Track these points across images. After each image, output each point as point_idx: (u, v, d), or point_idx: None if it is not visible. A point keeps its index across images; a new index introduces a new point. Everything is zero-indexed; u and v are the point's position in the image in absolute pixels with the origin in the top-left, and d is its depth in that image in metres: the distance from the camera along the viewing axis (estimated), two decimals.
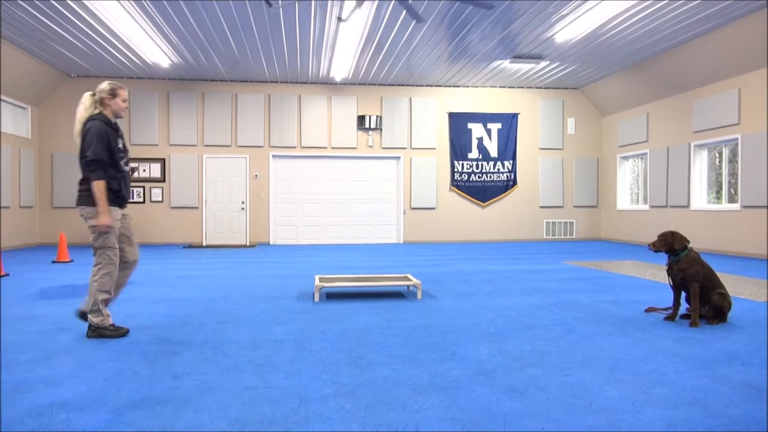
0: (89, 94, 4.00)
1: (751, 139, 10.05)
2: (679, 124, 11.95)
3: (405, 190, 14.15)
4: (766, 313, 4.86)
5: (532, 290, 6.29)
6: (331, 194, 13.98)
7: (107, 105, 3.98)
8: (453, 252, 11.47)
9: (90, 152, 3.81)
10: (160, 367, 3.25)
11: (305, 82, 13.67)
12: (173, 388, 2.90)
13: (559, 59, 11.81)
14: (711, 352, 3.56)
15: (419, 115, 14.16)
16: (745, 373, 3.11)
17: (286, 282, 6.92)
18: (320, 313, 4.94)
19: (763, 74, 9.85)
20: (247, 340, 3.89)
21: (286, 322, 4.54)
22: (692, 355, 3.51)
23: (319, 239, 13.92)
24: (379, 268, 8.40)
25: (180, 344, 3.79)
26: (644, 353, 3.56)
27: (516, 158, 14.52)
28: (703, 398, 2.73)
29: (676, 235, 4.52)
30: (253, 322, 4.54)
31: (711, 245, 10.93)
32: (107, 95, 3.97)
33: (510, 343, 3.84)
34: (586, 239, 14.86)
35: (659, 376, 3.07)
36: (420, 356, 3.48)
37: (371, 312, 4.99)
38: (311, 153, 13.82)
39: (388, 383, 2.97)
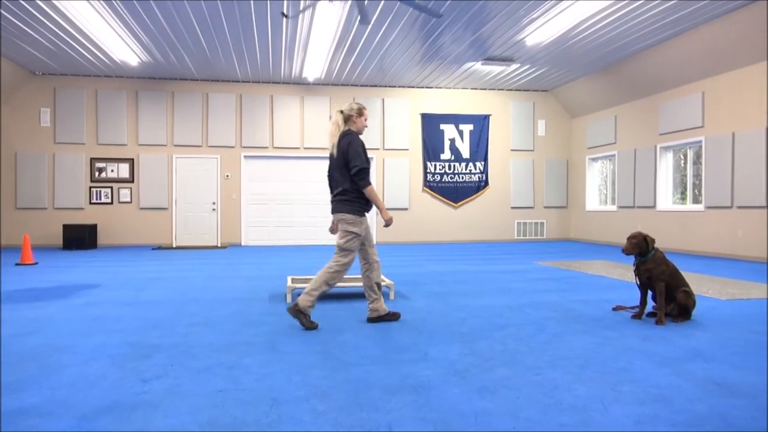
0: (340, 111, 4.47)
1: (714, 141, 10.32)
2: (646, 126, 12.22)
3: (378, 190, 14.15)
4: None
5: (504, 290, 6.36)
6: (304, 195, 13.91)
7: (353, 122, 4.46)
8: (425, 252, 11.52)
9: (357, 162, 4.28)
10: (129, 372, 3.20)
11: (278, 82, 13.58)
12: (142, 392, 2.85)
13: (529, 62, 11.96)
14: (676, 350, 3.65)
15: (392, 115, 14.19)
16: (709, 370, 3.20)
17: (258, 283, 6.87)
18: None
19: (725, 78, 10.12)
20: (218, 343, 3.85)
21: (258, 323, 4.50)
22: (658, 352, 3.59)
23: (291, 240, 13.84)
24: (351, 269, 8.39)
25: (149, 347, 3.73)
26: (613, 351, 3.63)
27: (488, 159, 14.66)
28: (669, 395, 2.80)
29: (648, 239, 4.62)
30: (225, 324, 4.49)
31: (676, 245, 11.20)
32: (355, 114, 4.46)
33: (482, 343, 3.87)
34: (557, 239, 15.07)
35: (627, 374, 3.13)
36: (392, 357, 3.49)
37: (344, 313, 4.97)
38: (283, 153, 13.74)
39: (360, 384, 2.97)
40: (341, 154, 4.35)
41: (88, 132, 13.05)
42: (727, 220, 10.06)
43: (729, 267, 8.66)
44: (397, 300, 5.67)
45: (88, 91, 13.04)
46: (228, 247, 13.11)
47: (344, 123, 4.46)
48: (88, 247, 12.43)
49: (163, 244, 13.23)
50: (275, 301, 5.58)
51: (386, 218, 4.37)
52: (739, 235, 9.79)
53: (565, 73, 12.95)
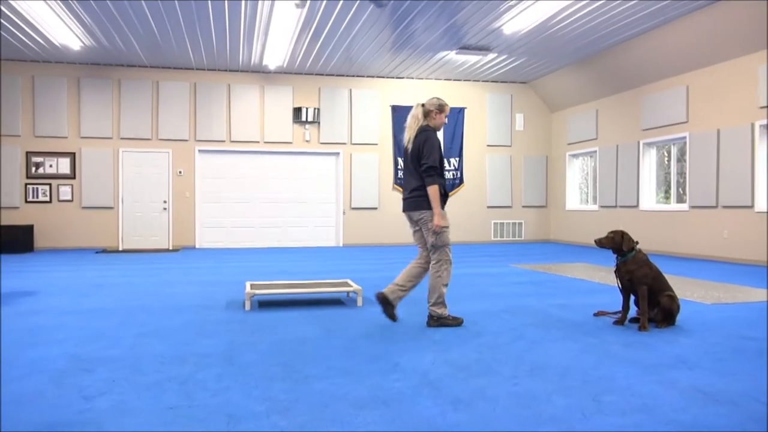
0: (421, 105, 4.70)
1: (699, 137, 10.60)
2: (628, 121, 12.48)
3: (345, 188, 14.15)
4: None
5: (480, 295, 6.41)
6: (264, 193, 13.83)
7: (432, 118, 4.69)
8: (397, 255, 11.55)
9: (429, 160, 4.49)
10: (69, 388, 3.13)
11: (235, 70, 13.47)
12: (84, 410, 2.79)
13: (507, 51, 12.10)
14: (660, 357, 3.74)
15: (360, 107, 14.20)
16: (693, 377, 3.28)
17: (214, 289, 6.80)
18: (251, 323, 4.88)
19: (710, 72, 10.40)
20: (169, 355, 3.80)
21: (214, 333, 4.46)
22: (641, 359, 3.67)
23: (250, 242, 13.75)
24: (316, 274, 8.37)
25: (92, 361, 3.66)
26: (594, 359, 3.69)
27: (462, 155, 14.78)
28: (652, 404, 2.86)
29: (626, 237, 4.72)
30: (177, 334, 4.44)
31: (659, 246, 11.46)
32: (435, 110, 4.69)
33: (456, 351, 3.90)
34: (535, 241, 15.28)
35: (609, 383, 3.19)
36: (360, 368, 3.49)
37: (308, 321, 4.96)
38: (242, 148, 13.63)
39: (325, 398, 2.96)
40: (416, 149, 4.60)
41: (23, 123, 12.73)
42: (713, 220, 10.34)
43: (714, 269, 8.90)
44: (366, 307, 5.68)
45: (23, 78, 12.71)
46: (180, 250, 12.95)
47: (423, 117, 4.69)
48: (24, 251, 12.12)
49: (108, 247, 13.00)
50: (233, 309, 5.53)
51: (436, 224, 4.53)
52: (725, 236, 10.07)
53: (545, 64, 13.14)
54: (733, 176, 9.87)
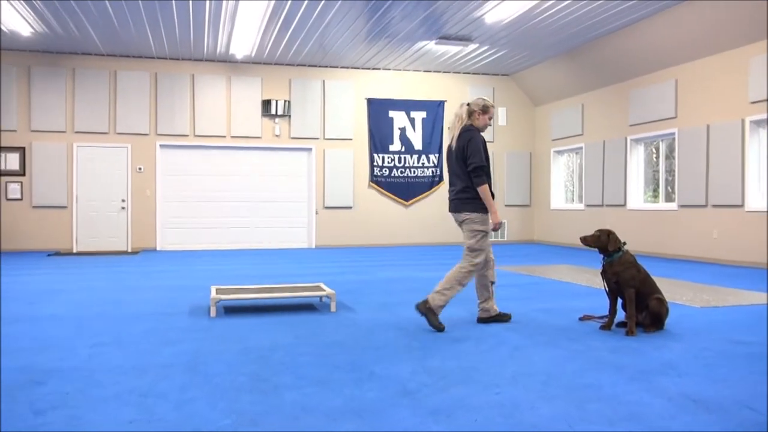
0: (466, 104, 4.94)
1: (688, 133, 10.78)
2: (615, 116, 12.65)
3: (317, 186, 14.13)
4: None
5: (460, 299, 6.45)
6: (231, 191, 13.75)
7: (476, 118, 4.92)
8: (372, 257, 11.55)
9: (475, 160, 4.76)
10: (19, 402, 3.08)
11: (200, 59, 13.36)
12: (35, 425, 2.75)
13: (488, 42, 12.18)
14: (648, 363, 3.79)
15: (334, 100, 14.18)
16: (682, 384, 3.34)
17: (177, 295, 6.75)
18: (217, 330, 4.86)
19: (700, 65, 10.59)
20: (128, 366, 3.76)
21: (177, 342, 4.43)
22: (629, 366, 3.72)
23: (216, 244, 13.66)
24: (287, 277, 8.34)
25: (44, 372, 3.61)
26: (579, 366, 3.74)
27: (442, 151, 14.83)
28: (640, 412, 2.90)
29: (612, 236, 4.78)
30: (137, 343, 4.40)
31: (648, 247, 11.64)
32: (479, 110, 4.92)
33: (435, 359, 3.91)
34: (519, 242, 15.40)
35: (595, 390, 3.23)
36: (334, 377, 3.49)
37: (278, 328, 4.95)
38: (207, 143, 13.53)
39: (296, 409, 2.95)
40: (460, 149, 4.86)
41: None
42: (702, 220, 10.53)
43: (704, 271, 9.06)
44: (340, 312, 5.68)
45: None
46: (140, 252, 12.82)
47: (468, 117, 4.92)
48: None
49: (61, 250, 12.81)
50: (197, 316, 5.50)
51: (495, 222, 4.82)
52: (715, 237, 10.26)
53: (528, 55, 13.25)
54: (723, 174, 10.06)
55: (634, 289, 4.65)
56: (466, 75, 14.98)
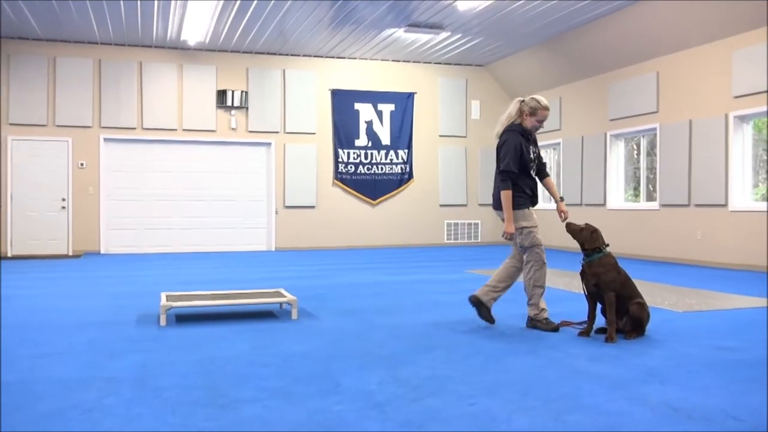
0: (520, 100, 5.18)
1: (670, 129, 11.01)
2: (594, 110, 12.85)
3: (277, 184, 14.07)
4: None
5: (432, 305, 6.49)
6: (183, 189, 13.62)
7: (524, 118, 5.17)
8: (337, 260, 11.55)
9: (503, 164, 5.08)
10: None
11: (148, 45, 13.19)
12: None
13: (461, 30, 12.27)
14: (628, 370, 3.87)
15: (295, 91, 14.14)
16: (664, 392, 3.41)
17: (124, 302, 6.68)
18: (169, 340, 4.82)
19: (682, 57, 10.82)
20: (72, 379, 3.71)
21: (124, 353, 4.38)
22: (608, 374, 3.80)
23: (166, 247, 13.51)
24: (244, 282, 8.30)
25: None
26: (557, 374, 3.79)
27: (412, 147, 14.90)
28: (620, 423, 2.96)
29: (594, 235, 4.86)
30: (80, 355, 4.34)
31: (628, 249, 11.85)
32: (527, 111, 5.16)
33: (406, 368, 3.94)
34: (494, 243, 15.54)
35: (573, 400, 3.29)
36: (296, 389, 3.49)
37: (234, 337, 4.93)
38: (156, 136, 13.37)
39: (256, 424, 2.94)
40: (497, 149, 5.23)
41: None
42: (685, 220, 10.76)
43: (687, 273, 9.27)
44: (302, 319, 5.67)
45: None
46: (83, 255, 12.61)
47: (517, 115, 5.18)
48: None
49: None
50: (146, 325, 5.44)
51: (507, 231, 5.12)
52: (698, 237, 10.50)
53: (503, 45, 13.38)
54: (706, 172, 10.30)
55: (614, 293, 4.74)
56: (437, 65, 15.06)
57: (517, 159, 5.11)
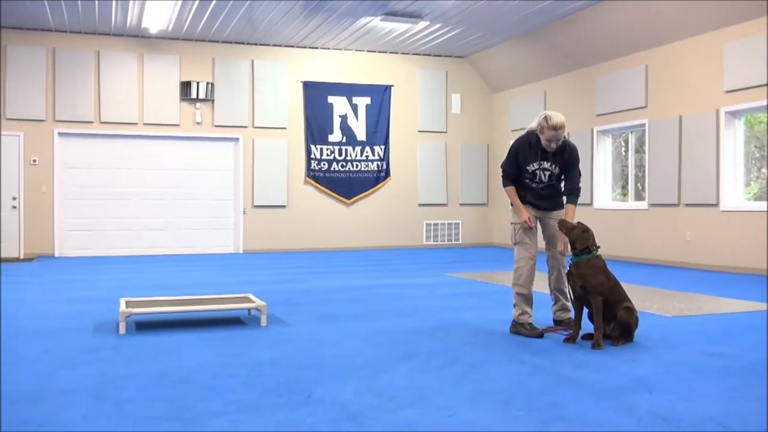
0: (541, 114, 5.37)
1: (659, 125, 11.14)
2: (581, 105, 12.96)
3: (246, 182, 14.01)
4: None
5: (410, 310, 6.50)
6: (144, 188, 13.51)
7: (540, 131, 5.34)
8: (309, 263, 11.53)
9: (502, 163, 5.55)
10: None
11: (106, 33, 13.07)
12: None
13: (441, 19, 12.31)
14: (616, 378, 3.91)
15: (265, 83, 14.09)
16: (653, 402, 3.45)
17: (80, 308, 6.62)
18: (129, 349, 4.78)
19: (672, 49, 10.95)
20: (24, 392, 3.67)
21: (80, 363, 4.34)
22: (595, 382, 3.83)
23: (126, 249, 13.39)
24: (209, 287, 8.26)
25: None
26: (542, 383, 3.82)
27: (389, 143, 14.91)
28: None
29: (585, 235, 4.91)
30: (33, 365, 4.29)
31: (616, 251, 11.97)
32: (537, 126, 5.34)
33: (383, 378, 3.94)
34: (475, 245, 15.61)
35: (559, 410, 3.31)
36: (266, 401, 3.48)
37: (200, 345, 4.90)
38: (115, 131, 13.26)
39: None
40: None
41: None
42: (674, 220, 10.90)
43: (676, 276, 9.39)
44: (272, 326, 5.65)
45: None
46: (35, 259, 12.47)
47: (538, 128, 5.34)
48: None
49: None
50: (104, 333, 5.39)
51: (521, 220, 5.37)
52: (688, 239, 10.64)
53: (485, 35, 13.44)
54: (697, 170, 10.44)
55: (602, 297, 4.78)
56: (415, 56, 15.09)
57: (511, 162, 5.41)
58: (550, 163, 5.39)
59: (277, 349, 4.77)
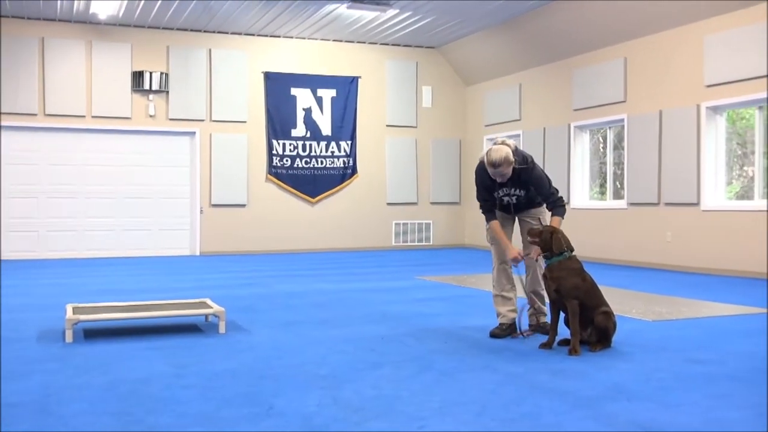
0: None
1: (639, 120, 11.29)
2: (558, 99, 13.08)
3: (202, 179, 13.93)
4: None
5: (378, 316, 6.50)
6: (93, 186, 13.37)
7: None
8: (271, 266, 11.49)
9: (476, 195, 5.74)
10: None
11: (51, 18, 12.89)
12: None
13: (411, 7, 12.33)
14: (594, 386, 3.95)
15: (223, 74, 14.01)
16: (632, 410, 3.50)
17: (23, 316, 6.52)
18: (76, 359, 4.72)
19: (651, 41, 11.10)
20: None
21: (23, 375, 4.28)
22: (572, 390, 3.87)
23: (73, 251, 13.25)
24: (164, 292, 8.20)
25: None
26: (516, 391, 3.85)
27: (356, 138, 14.91)
28: None
29: (555, 237, 4.95)
30: None
31: (594, 252, 12.10)
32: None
33: (348, 388, 3.94)
34: (447, 246, 15.67)
35: (533, 420, 3.34)
36: (224, 414, 3.46)
37: (153, 355, 4.86)
38: (61, 124, 13.09)
39: None
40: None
41: None
42: (654, 220, 11.05)
43: (656, 279, 9.52)
44: (230, 334, 5.62)
45: None
46: None
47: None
48: None
49: None
50: (49, 342, 5.32)
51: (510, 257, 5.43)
52: (668, 239, 10.79)
53: (458, 25, 13.50)
54: (677, 168, 10.59)
55: (578, 301, 4.83)
56: (384, 46, 15.10)
57: (480, 191, 5.60)
58: (510, 188, 5.48)
59: (236, 358, 4.75)
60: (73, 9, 12.30)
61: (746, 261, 9.62)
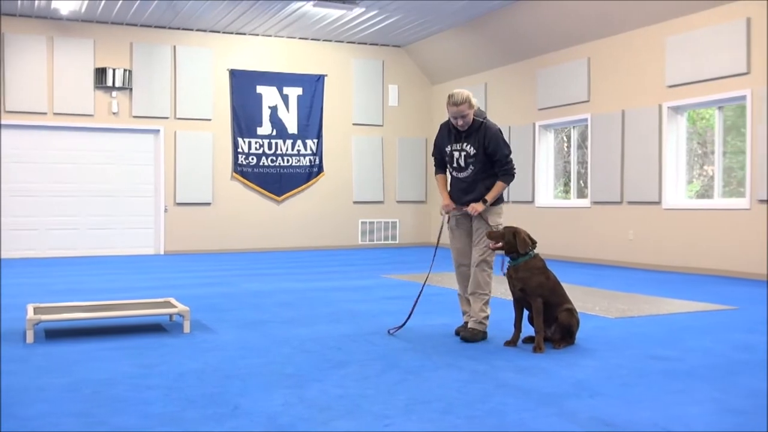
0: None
1: (602, 119, 11.44)
2: (523, 98, 13.20)
3: (167, 177, 13.82)
4: None
5: (344, 315, 6.52)
6: (55, 184, 13.21)
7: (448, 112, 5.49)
8: (237, 265, 11.45)
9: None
10: None
11: (12, 14, 12.70)
12: None
13: (377, 6, 12.36)
14: (557, 383, 4.00)
15: (188, 71, 13.92)
16: (595, 407, 3.55)
17: None
18: (37, 360, 4.67)
19: (614, 42, 11.25)
20: None
21: None
22: (536, 388, 3.92)
23: (34, 251, 13.08)
24: (127, 291, 8.15)
25: None
26: (481, 389, 3.88)
27: (322, 136, 14.90)
28: None
29: (519, 237, 4.99)
30: None
31: (558, 250, 12.24)
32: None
33: (314, 387, 3.94)
34: (413, 245, 15.73)
35: (498, 418, 3.37)
36: (188, 414, 3.44)
37: (116, 355, 4.83)
38: (21, 121, 12.91)
39: None
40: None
41: None
42: (617, 218, 11.21)
43: (619, 276, 9.66)
44: (195, 333, 5.59)
45: None
46: None
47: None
48: None
49: None
50: (9, 342, 5.26)
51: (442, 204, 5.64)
52: (631, 238, 10.95)
53: (424, 24, 13.55)
54: (640, 167, 10.76)
55: (542, 299, 4.89)
56: (350, 45, 15.11)
57: (435, 146, 5.84)
58: (464, 143, 5.52)
59: (201, 358, 4.73)
60: (35, 4, 12.12)
61: (706, 259, 9.81)
